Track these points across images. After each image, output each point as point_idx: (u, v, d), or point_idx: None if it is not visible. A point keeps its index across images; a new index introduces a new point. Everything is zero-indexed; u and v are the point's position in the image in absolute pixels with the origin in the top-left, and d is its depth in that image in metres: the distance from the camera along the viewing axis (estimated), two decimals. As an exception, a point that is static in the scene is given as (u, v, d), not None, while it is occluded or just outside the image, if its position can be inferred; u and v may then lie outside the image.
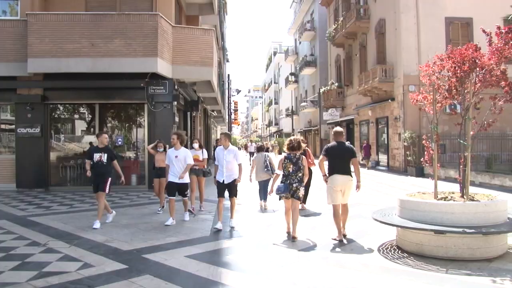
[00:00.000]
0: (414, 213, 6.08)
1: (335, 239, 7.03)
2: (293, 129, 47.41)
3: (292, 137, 7.48)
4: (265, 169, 10.54)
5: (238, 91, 50.38)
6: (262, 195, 10.61)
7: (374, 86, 23.26)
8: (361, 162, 26.13)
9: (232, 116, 53.80)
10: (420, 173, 18.84)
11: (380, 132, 25.42)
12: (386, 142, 24.07)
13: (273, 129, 74.89)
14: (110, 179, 8.14)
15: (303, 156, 7.33)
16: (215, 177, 8.06)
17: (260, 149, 11.07)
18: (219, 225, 7.86)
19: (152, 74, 13.02)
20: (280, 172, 7.32)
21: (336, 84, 32.81)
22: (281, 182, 7.24)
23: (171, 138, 8.50)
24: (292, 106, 50.94)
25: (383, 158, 24.78)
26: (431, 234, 5.81)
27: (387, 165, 23.68)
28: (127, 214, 9.30)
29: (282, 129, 63.67)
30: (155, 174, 9.99)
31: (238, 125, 78.14)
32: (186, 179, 8.56)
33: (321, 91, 34.67)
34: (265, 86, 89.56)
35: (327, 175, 7.17)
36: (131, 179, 13.98)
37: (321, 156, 7.26)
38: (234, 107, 58.15)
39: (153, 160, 10.20)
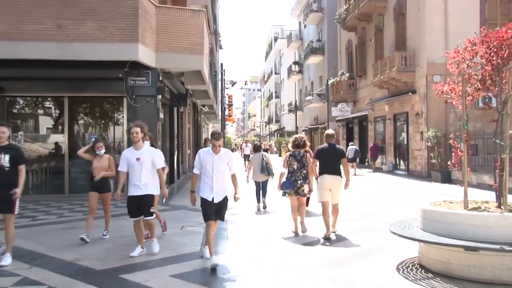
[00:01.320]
0: (439, 225, 6.01)
1: (324, 237, 8.32)
2: (296, 127, 47.34)
3: (297, 135, 9.10)
4: (261, 171, 11.82)
5: (233, 83, 50.35)
6: (259, 197, 12.01)
7: (392, 76, 23.23)
8: (375, 164, 26.07)
9: (226, 112, 53.82)
10: (447, 178, 18.79)
11: (398, 130, 25.39)
12: (405, 142, 24.05)
13: (273, 127, 74.86)
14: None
15: (308, 154, 8.86)
16: (192, 191, 6.80)
17: (257, 148, 12.26)
18: (215, 260, 6.41)
19: (132, 62, 12.92)
20: (285, 170, 8.80)
21: (347, 74, 32.79)
22: (286, 178, 8.76)
23: (132, 132, 7.05)
24: (296, 101, 50.90)
25: (402, 160, 24.75)
26: (461, 251, 5.73)
27: (406, 169, 23.65)
28: (102, 227, 9.17)
29: (283, 127, 63.60)
30: (92, 187, 8.40)
31: (233, 122, 78.16)
32: (154, 189, 7.19)
33: (329, 83, 34.66)
34: (264, 77, 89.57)
35: (318, 175, 8.60)
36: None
37: (312, 160, 8.73)
38: (228, 101, 58.17)
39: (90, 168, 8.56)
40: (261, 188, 11.94)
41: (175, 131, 18.88)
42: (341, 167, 8.57)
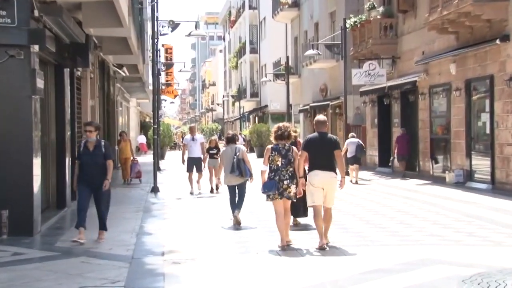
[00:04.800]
0: None
1: (317, 248, 11.48)
2: (289, 106, 47.45)
3: (280, 123, 12.17)
4: (231, 171, 14.79)
5: (174, 26, 49.73)
6: (234, 205, 15.06)
7: (464, 11, 23.19)
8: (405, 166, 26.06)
9: (162, 79, 53.39)
10: None
11: (475, 109, 25.60)
12: (488, 131, 24.11)
13: (246, 104, 75.64)
14: None
15: (294, 147, 12.06)
16: None
17: (230, 140, 15.59)
18: None
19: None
20: (266, 168, 11.94)
21: (381, 9, 32.96)
22: (268, 178, 11.88)
23: None
24: (288, 58, 51.06)
25: (482, 164, 24.89)
26: None
27: (490, 180, 23.78)
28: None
29: (265, 106, 63.97)
30: None
31: (175, 97, 78.02)
32: None
33: (348, 25, 34.69)
34: (230, 15, 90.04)
35: (307, 171, 11.93)
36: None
37: (300, 152, 11.99)
38: (166, 58, 57.81)
39: None
40: (236, 195, 15.10)
41: (67, 112, 18.57)
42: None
